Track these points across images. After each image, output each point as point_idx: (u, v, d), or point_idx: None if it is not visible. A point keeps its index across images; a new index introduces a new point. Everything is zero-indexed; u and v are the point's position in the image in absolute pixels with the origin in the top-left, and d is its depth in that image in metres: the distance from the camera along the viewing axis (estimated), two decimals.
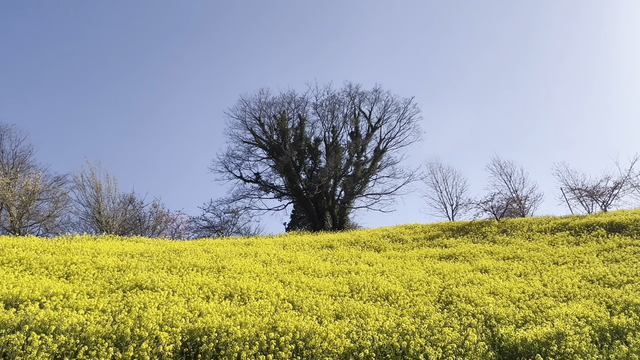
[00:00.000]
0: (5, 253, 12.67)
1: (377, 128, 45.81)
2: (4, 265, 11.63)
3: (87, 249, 15.10)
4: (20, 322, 6.82)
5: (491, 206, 29.65)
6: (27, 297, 8.32)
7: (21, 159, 32.49)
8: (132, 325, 7.17)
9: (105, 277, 11.23)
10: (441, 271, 15.29)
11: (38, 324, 6.83)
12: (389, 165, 44.47)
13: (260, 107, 44.97)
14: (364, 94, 45.79)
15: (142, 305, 8.52)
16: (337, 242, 23.25)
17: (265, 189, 44.84)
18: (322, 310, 9.68)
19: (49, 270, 11.51)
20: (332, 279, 13.66)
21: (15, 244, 14.37)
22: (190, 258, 14.91)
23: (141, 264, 13.17)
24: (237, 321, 8.04)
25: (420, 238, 24.61)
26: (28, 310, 7.30)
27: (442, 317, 9.91)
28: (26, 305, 7.63)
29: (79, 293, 9.32)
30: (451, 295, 11.91)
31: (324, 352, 7.36)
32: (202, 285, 10.92)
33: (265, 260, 16.30)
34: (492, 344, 8.67)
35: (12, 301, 8.11)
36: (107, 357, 6.27)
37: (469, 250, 19.60)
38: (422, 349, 7.82)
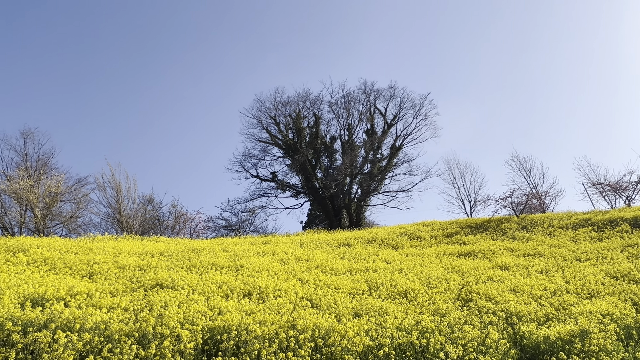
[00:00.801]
0: (31, 253, 13.02)
1: (393, 125, 45.51)
2: (29, 265, 11.95)
3: (108, 249, 15.40)
4: (47, 321, 6.99)
5: (510, 202, 29.23)
6: (53, 296, 8.53)
7: (44, 161, 33.26)
8: (154, 324, 7.28)
9: (126, 277, 11.44)
10: (460, 268, 15.14)
11: (63, 322, 6.99)
12: (406, 162, 44.18)
13: (275, 107, 45.14)
14: (379, 91, 45.55)
15: (163, 304, 8.65)
16: (354, 240, 23.22)
17: (282, 188, 45.01)
18: (341, 308, 9.68)
19: (73, 270, 11.77)
20: (350, 277, 13.65)
21: (40, 245, 14.75)
22: (209, 257, 15.08)
23: (161, 263, 13.37)
24: (256, 319, 8.10)
25: (438, 235, 24.40)
26: (54, 308, 7.47)
27: (462, 315, 9.81)
28: (52, 304, 7.82)
29: (102, 292, 9.51)
30: (471, 292, 11.78)
31: (343, 350, 7.35)
32: (221, 283, 11.03)
33: (283, 258, 16.38)
34: (513, 342, 8.55)
35: (39, 300, 8.32)
36: (130, 354, 6.39)
37: (488, 247, 19.34)
38: (442, 347, 7.76)
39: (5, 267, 11.10)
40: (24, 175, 29.20)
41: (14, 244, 14.48)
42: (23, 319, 6.95)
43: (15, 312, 7.14)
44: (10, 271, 10.80)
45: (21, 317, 6.98)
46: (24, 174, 29.34)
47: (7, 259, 12.15)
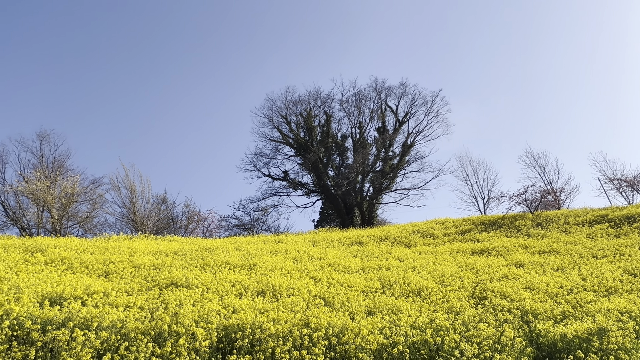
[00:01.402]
0: (49, 253, 13.25)
1: (405, 122, 45.29)
2: (47, 264, 12.16)
3: (124, 249, 15.60)
4: (65, 319, 7.10)
5: (525, 199, 28.88)
6: (70, 295, 8.66)
7: (60, 162, 33.81)
8: (169, 322, 7.36)
9: (141, 276, 11.57)
10: (474, 266, 15.01)
11: (81, 321, 7.10)
12: (418, 159, 43.99)
13: (286, 105, 45.25)
14: (390, 89, 45.39)
15: (178, 303, 8.74)
16: (366, 238, 23.17)
17: (294, 187, 45.12)
18: (354, 306, 9.67)
19: (89, 269, 11.95)
20: (363, 275, 13.63)
21: (57, 245, 15.00)
22: (222, 256, 15.18)
23: (175, 262, 13.50)
24: (270, 317, 8.13)
25: (451, 233, 24.22)
26: (71, 307, 7.59)
27: (477, 313, 9.73)
28: (69, 303, 7.95)
29: (117, 291, 9.63)
30: (485, 290, 11.68)
31: (357, 348, 7.35)
32: (234, 282, 11.10)
33: (296, 257, 16.42)
34: (529, 340, 8.45)
35: (56, 299, 8.46)
36: (147, 352, 6.46)
37: (502, 244, 19.16)
38: (457, 345, 7.71)
39: (24, 267, 11.30)
40: (40, 176, 29.72)
41: (32, 244, 14.75)
42: (42, 317, 7.08)
43: (34, 311, 7.27)
44: (28, 271, 11.00)
45: (40, 316, 7.11)
46: (40, 176, 29.86)
47: (26, 259, 12.38)
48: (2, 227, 30.73)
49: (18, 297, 8.01)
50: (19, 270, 10.93)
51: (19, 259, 12.29)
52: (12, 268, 11.01)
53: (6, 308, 7.15)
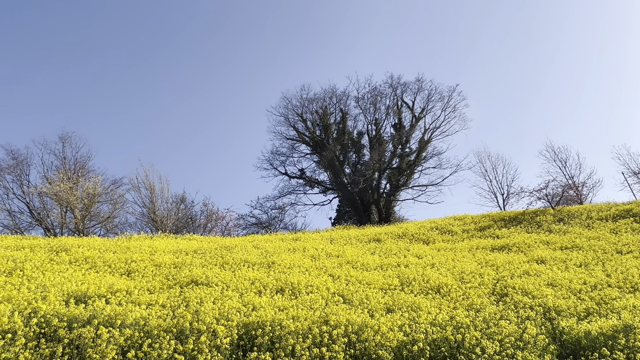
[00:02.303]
0: (73, 252, 13.57)
1: (421, 118, 44.93)
2: (72, 263, 12.45)
3: (145, 248, 15.87)
4: (90, 317, 7.27)
5: (545, 194, 28.37)
6: (94, 294, 8.86)
7: (81, 164, 34.58)
8: (191, 320, 7.46)
9: (163, 274, 11.76)
10: (494, 263, 14.82)
11: (105, 319, 7.25)
12: (435, 155, 43.61)
13: (302, 104, 45.34)
14: (406, 85, 45.05)
15: (198, 300, 8.85)
16: (384, 235, 23.08)
17: (310, 185, 45.20)
18: (373, 303, 9.65)
19: (112, 268, 12.20)
20: (382, 272, 13.59)
21: (80, 244, 15.35)
22: (241, 254, 15.31)
23: (195, 261, 13.67)
24: (289, 315, 8.18)
25: (470, 229, 23.95)
26: (96, 305, 7.77)
27: (498, 310, 9.61)
28: (94, 301, 8.13)
29: (140, 289, 9.80)
30: (506, 287, 11.53)
31: (376, 346, 7.33)
32: (253, 280, 11.19)
33: (314, 255, 16.45)
34: (552, 337, 8.32)
35: (81, 297, 8.66)
36: (169, 349, 6.57)
37: (523, 240, 18.86)
38: (478, 342, 7.63)
39: (50, 266, 11.60)
40: (63, 177, 30.43)
41: (56, 244, 15.13)
42: (68, 315, 7.25)
43: (60, 309, 7.45)
44: (54, 270, 11.28)
45: (66, 314, 7.29)
46: (63, 177, 30.57)
47: (51, 258, 12.70)
48: (28, 227, 31.63)
49: (45, 295, 8.23)
50: (45, 269, 11.22)
51: (45, 258, 12.61)
52: (38, 267, 11.32)
53: (34, 306, 7.35)
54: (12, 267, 11.09)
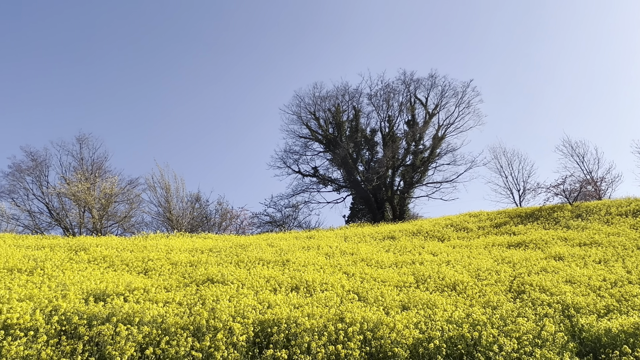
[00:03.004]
0: (91, 252, 13.81)
1: (435, 115, 44.52)
2: (90, 262, 12.68)
3: (161, 246, 16.07)
4: (109, 315, 7.40)
5: (563, 190, 27.93)
6: (113, 292, 9.01)
7: (98, 164, 35.14)
8: (207, 317, 7.54)
9: (179, 272, 11.90)
10: (511, 259, 14.65)
11: (124, 316, 7.37)
12: (449, 152, 43.19)
13: (314, 102, 45.30)
14: (419, 81, 44.66)
15: (214, 298, 8.94)
16: (398, 232, 22.98)
17: (324, 183, 45.19)
18: (388, 301, 9.63)
19: (129, 267, 12.38)
20: (396, 269, 13.54)
21: (98, 243, 15.61)
22: (255, 252, 15.40)
23: (211, 259, 13.80)
24: (304, 312, 8.20)
25: (486, 226, 23.71)
26: (114, 303, 7.91)
27: (515, 307, 9.50)
28: (112, 299, 8.27)
29: (157, 287, 9.94)
30: (523, 284, 11.39)
31: (392, 343, 7.31)
32: (268, 278, 11.25)
33: (328, 252, 16.47)
34: (571, 334, 8.19)
35: (100, 295, 8.82)
36: (186, 346, 6.65)
37: (540, 237, 18.60)
38: (495, 339, 7.55)
39: (69, 265, 11.82)
40: (81, 178, 30.98)
41: (75, 244, 15.41)
42: (87, 313, 7.39)
43: (80, 307, 7.60)
44: (73, 269, 11.50)
45: (86, 312, 7.43)
46: (81, 178, 31.13)
47: (71, 258, 12.95)
48: (47, 227, 32.29)
49: (65, 293, 8.41)
50: (65, 268, 11.44)
51: (64, 257, 12.87)
52: (58, 266, 11.55)
53: (55, 304, 7.51)
54: (33, 266, 11.33)
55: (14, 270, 10.80)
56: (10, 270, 10.83)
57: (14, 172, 32.97)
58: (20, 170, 33.05)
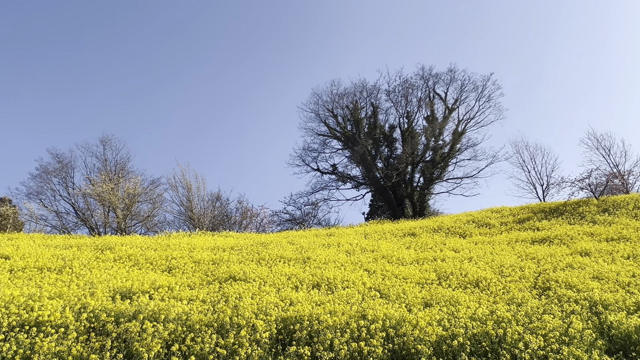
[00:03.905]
0: (116, 250, 14.13)
1: (455, 109, 43.96)
2: (116, 261, 12.97)
3: (184, 245, 16.33)
4: (135, 312, 7.56)
5: (588, 184, 27.23)
6: (138, 290, 9.20)
7: (121, 165, 35.90)
8: (231, 314, 7.63)
9: (202, 270, 12.07)
10: (535, 255, 14.38)
11: (150, 314, 7.52)
12: (470, 147, 42.62)
13: (332, 99, 45.27)
14: (438, 76, 44.15)
15: (237, 296, 9.04)
16: (419, 229, 22.80)
17: (343, 180, 45.14)
18: (410, 298, 9.57)
19: (154, 265, 12.61)
20: (418, 266, 13.44)
21: (123, 243, 15.95)
22: (276, 250, 15.50)
23: (232, 257, 13.95)
24: (326, 310, 8.22)
25: (508, 222, 23.32)
26: (140, 301, 8.07)
27: (540, 304, 9.32)
28: (138, 297, 8.44)
29: (181, 285, 10.11)
30: (548, 280, 11.16)
31: (415, 340, 7.27)
32: (290, 275, 11.30)
33: (348, 250, 16.46)
34: (600, 332, 7.99)
35: (126, 293, 9.01)
36: (211, 343, 6.74)
37: (565, 232, 18.20)
38: (520, 337, 7.43)
39: (96, 264, 12.13)
40: (105, 179, 31.69)
41: (101, 243, 15.79)
42: (115, 310, 7.57)
43: (107, 305, 7.78)
44: (100, 267, 11.79)
45: (113, 309, 7.61)
46: (105, 178, 31.84)
47: (97, 257, 13.27)
48: (74, 227, 33.16)
49: (93, 291, 8.63)
50: (92, 267, 11.74)
51: (91, 256, 13.19)
52: (85, 265, 11.86)
53: (83, 302, 7.72)
54: (62, 265, 11.66)
55: (43, 269, 11.14)
56: (40, 269, 11.17)
57: (41, 174, 33.98)
58: (47, 172, 34.02)
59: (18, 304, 7.31)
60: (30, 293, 8.07)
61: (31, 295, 7.91)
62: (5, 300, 7.49)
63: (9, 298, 7.58)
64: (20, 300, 7.46)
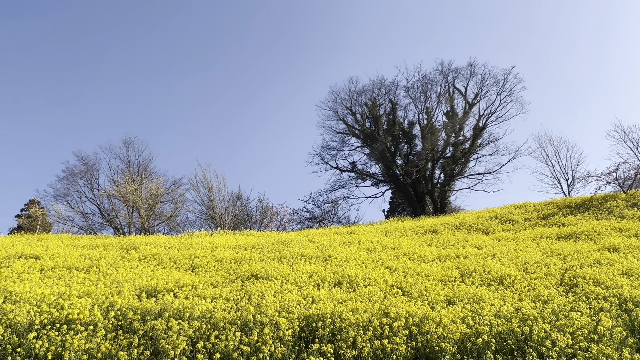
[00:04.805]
0: (141, 250, 14.42)
1: (475, 104, 43.27)
2: (141, 260, 13.23)
3: (206, 244, 16.55)
4: (161, 310, 7.71)
5: (616, 177, 26.49)
6: (163, 288, 9.37)
7: (144, 166, 36.57)
8: (254, 312, 7.71)
9: (224, 269, 12.21)
10: (561, 252, 14.07)
11: (174, 312, 7.66)
12: (491, 142, 41.87)
13: (350, 97, 45.07)
14: (457, 70, 43.49)
15: (259, 294, 9.12)
16: (440, 226, 22.57)
17: (362, 178, 44.97)
18: (433, 295, 9.48)
19: (177, 264, 12.83)
20: (440, 264, 13.31)
21: (147, 242, 16.27)
22: (297, 248, 15.56)
23: (254, 256, 14.07)
24: (348, 307, 8.22)
25: (532, 217, 22.87)
26: (165, 299, 8.23)
27: (567, 301, 9.12)
28: (163, 295, 8.61)
29: (204, 283, 10.25)
30: (575, 277, 10.91)
31: (439, 338, 7.21)
32: (311, 273, 11.34)
33: (369, 247, 16.41)
34: (630, 329, 7.78)
35: (151, 291, 9.19)
36: (235, 341, 6.82)
37: (592, 227, 17.75)
38: (547, 334, 7.29)
39: (122, 263, 12.40)
40: (128, 180, 32.37)
41: (126, 243, 16.14)
42: (141, 308, 7.73)
43: (134, 303, 7.96)
44: (125, 267, 12.05)
45: (139, 307, 7.77)
46: (128, 179, 32.52)
47: (122, 256, 13.57)
48: (99, 227, 33.97)
49: (119, 290, 8.83)
50: (118, 266, 12.01)
51: (117, 256, 13.50)
52: (112, 264, 12.14)
53: (110, 300, 7.91)
54: (89, 264, 11.97)
55: (72, 269, 11.45)
56: (69, 269, 11.49)
57: (67, 176, 34.90)
58: (73, 174, 34.91)
59: (49, 303, 7.54)
60: (60, 292, 8.32)
61: (61, 294, 8.15)
62: (36, 299, 7.74)
63: (40, 297, 7.82)
64: (50, 299, 7.70)
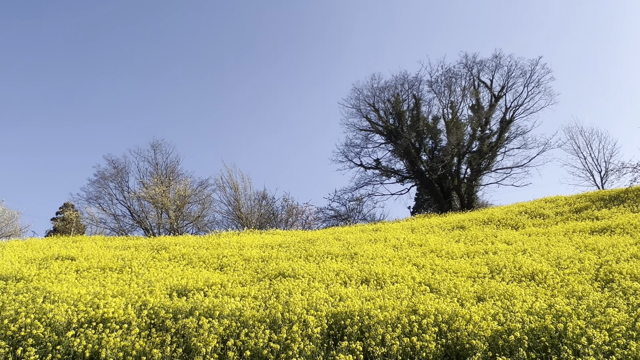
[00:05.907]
0: (171, 250, 14.73)
1: (501, 97, 42.33)
2: (171, 260, 13.53)
3: (233, 243, 16.78)
4: (191, 309, 7.87)
5: None
6: (193, 287, 9.56)
7: (171, 168, 37.36)
8: (282, 310, 7.77)
9: (252, 268, 12.36)
10: (595, 246, 13.63)
11: (205, 310, 7.80)
12: (519, 135, 40.91)
13: (373, 93, 44.81)
14: (482, 63, 42.63)
15: (287, 292, 9.18)
16: (468, 222, 22.20)
17: (387, 174, 44.67)
18: (462, 292, 9.35)
19: (206, 264, 13.06)
20: (468, 260, 13.11)
21: (177, 242, 16.62)
22: (323, 246, 15.60)
23: (281, 254, 14.18)
24: (376, 305, 8.19)
25: (564, 211, 22.23)
26: (195, 298, 8.39)
27: (603, 297, 8.83)
28: (193, 294, 8.78)
29: (232, 282, 10.40)
30: (611, 272, 10.55)
31: (469, 335, 7.10)
32: (338, 271, 11.35)
33: (396, 244, 16.30)
34: None
35: (182, 290, 9.39)
36: (264, 338, 6.90)
37: (628, 221, 17.11)
38: (582, 331, 7.08)
39: (152, 263, 12.71)
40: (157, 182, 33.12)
41: (156, 243, 16.53)
42: (172, 307, 7.91)
43: (165, 302, 8.15)
44: (156, 266, 12.35)
45: (171, 306, 7.95)
46: (157, 181, 33.28)
47: (153, 256, 13.91)
48: (130, 229, 34.91)
49: (151, 289, 9.06)
50: (149, 266, 12.31)
51: (148, 256, 13.85)
52: (143, 264, 12.45)
53: (143, 299, 8.13)
54: (122, 265, 12.31)
55: (106, 269, 11.82)
56: (102, 269, 11.86)
57: (99, 179, 36.01)
58: (105, 178, 35.98)
59: (85, 302, 7.80)
60: (95, 291, 8.60)
61: (96, 294, 8.42)
62: (73, 298, 8.02)
63: (77, 296, 8.11)
64: (87, 299, 7.97)
